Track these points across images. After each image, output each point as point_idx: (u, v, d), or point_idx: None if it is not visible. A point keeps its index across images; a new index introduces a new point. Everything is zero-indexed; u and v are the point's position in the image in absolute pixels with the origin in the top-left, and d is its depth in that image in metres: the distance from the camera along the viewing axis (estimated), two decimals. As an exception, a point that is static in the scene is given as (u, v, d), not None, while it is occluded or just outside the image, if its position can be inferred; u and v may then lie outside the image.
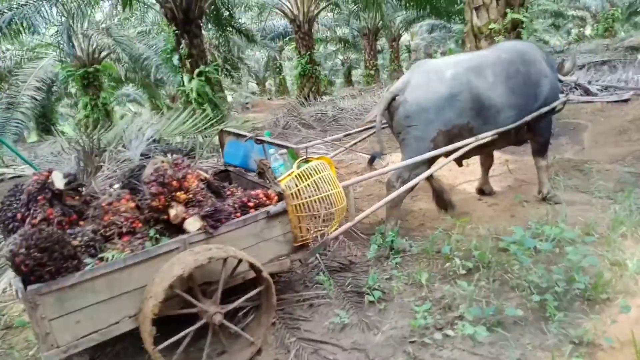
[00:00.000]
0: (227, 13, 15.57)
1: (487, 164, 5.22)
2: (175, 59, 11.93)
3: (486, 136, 4.18)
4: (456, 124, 4.16)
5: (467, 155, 4.63)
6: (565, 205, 4.50)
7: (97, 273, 2.70)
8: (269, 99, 23.91)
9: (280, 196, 3.25)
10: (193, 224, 3.00)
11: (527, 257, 3.38)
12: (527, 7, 7.22)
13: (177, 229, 3.05)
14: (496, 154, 5.99)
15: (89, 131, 11.05)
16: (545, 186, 4.80)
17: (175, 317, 2.88)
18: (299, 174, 3.22)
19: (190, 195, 3.06)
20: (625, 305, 2.85)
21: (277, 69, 28.52)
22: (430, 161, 4.22)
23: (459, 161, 4.71)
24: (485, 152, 4.86)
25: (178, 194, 3.03)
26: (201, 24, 12.37)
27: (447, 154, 4.18)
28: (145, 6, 14.31)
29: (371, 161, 4.43)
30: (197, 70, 11.78)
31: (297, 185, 3.19)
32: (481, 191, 5.29)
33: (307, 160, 3.29)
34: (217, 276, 2.92)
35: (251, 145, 3.86)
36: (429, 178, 4.59)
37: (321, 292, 3.56)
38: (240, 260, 2.94)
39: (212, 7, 13.91)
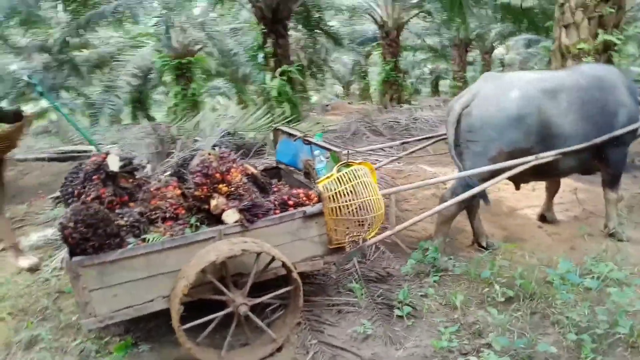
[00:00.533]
0: (317, 15, 15.82)
1: (552, 190, 4.94)
2: (260, 56, 12.33)
3: (546, 156, 3.94)
4: (519, 147, 3.96)
5: (527, 179, 4.43)
6: (630, 244, 4.16)
7: (136, 252, 2.89)
8: (349, 103, 23.97)
9: (319, 197, 3.28)
10: (231, 215, 3.10)
11: (571, 293, 3.17)
12: (623, 28, 6.73)
13: (217, 219, 3.18)
14: (566, 181, 5.67)
15: (175, 119, 11.69)
16: (613, 221, 4.46)
17: (207, 306, 2.99)
18: (338, 178, 3.23)
19: (232, 188, 3.18)
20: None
21: (363, 74, 28.53)
22: (486, 179, 4.05)
23: (517, 184, 4.49)
24: (548, 178, 4.61)
25: (220, 186, 3.16)
26: (288, 25, 12.68)
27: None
28: (239, 4, 14.89)
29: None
30: (279, 70, 12.09)
31: (335, 188, 3.20)
32: (543, 218, 5.01)
33: (347, 165, 3.29)
34: (250, 269, 3.01)
35: (301, 145, 3.93)
36: (471, 213, 4.43)
37: (352, 299, 3.55)
38: (273, 258, 3.02)
39: (302, 8, 14.21)
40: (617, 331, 2.89)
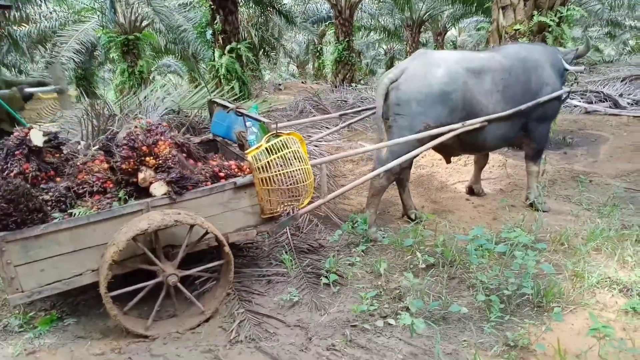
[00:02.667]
0: (269, -8, 15.68)
1: (480, 164, 5.17)
2: (209, 33, 12.16)
3: (473, 123, 4.13)
4: (445, 122, 4.13)
5: (457, 152, 4.63)
6: (550, 214, 4.44)
7: (61, 226, 2.89)
8: (302, 82, 23.92)
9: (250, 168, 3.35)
10: (159, 188, 3.13)
11: (485, 258, 3.38)
12: (557, 10, 6.99)
13: (146, 192, 3.20)
14: (496, 157, 5.95)
15: (120, 97, 11.40)
16: (533, 192, 4.74)
17: (137, 280, 3.03)
18: (267, 148, 3.29)
19: (160, 161, 3.20)
20: (558, 312, 2.84)
21: (317, 53, 28.47)
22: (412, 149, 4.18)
23: (447, 158, 4.69)
24: (476, 152, 4.83)
25: (147, 158, 3.17)
26: (238, 1, 12.52)
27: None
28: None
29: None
30: (228, 47, 11.96)
31: (265, 159, 3.26)
32: (471, 190, 5.25)
33: (277, 135, 3.36)
34: (182, 241, 3.06)
35: (235, 117, 3.97)
36: (401, 187, 4.61)
37: (282, 270, 3.66)
38: (207, 231, 3.07)
39: (253, -15, 14.07)
40: (523, 292, 3.12)
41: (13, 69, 18.41)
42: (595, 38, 32.00)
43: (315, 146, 5.67)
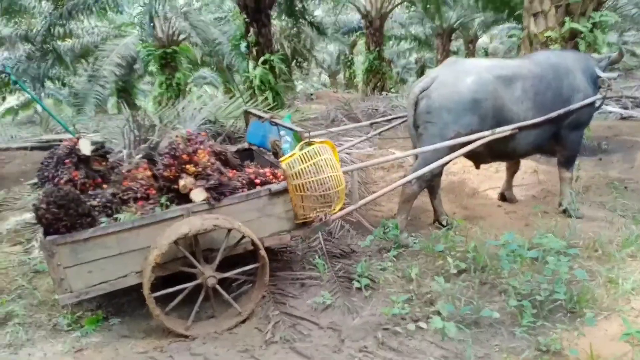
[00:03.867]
0: (300, 5, 15.92)
1: (512, 170, 5.18)
2: (243, 46, 12.44)
3: (503, 130, 4.15)
4: (475, 129, 4.17)
5: (487, 160, 4.65)
6: (583, 221, 4.41)
7: (108, 230, 3.08)
8: (334, 92, 24.10)
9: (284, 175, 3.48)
10: (198, 194, 3.29)
11: (516, 264, 3.41)
12: (590, 17, 6.94)
13: (186, 198, 3.37)
14: (529, 163, 5.92)
15: (158, 108, 11.78)
16: (566, 199, 4.72)
17: (178, 281, 3.19)
18: (301, 156, 3.41)
19: (199, 169, 3.37)
20: (591, 318, 2.85)
21: (348, 63, 28.66)
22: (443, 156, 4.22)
23: (477, 164, 4.72)
24: (507, 159, 4.84)
25: (187, 166, 3.34)
26: (271, 14, 12.79)
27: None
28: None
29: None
30: (262, 58, 12.21)
31: (298, 166, 3.38)
32: (503, 197, 5.26)
33: (309, 143, 3.48)
34: (220, 246, 3.21)
35: (269, 127, 4.12)
36: (432, 193, 4.66)
37: (315, 274, 3.77)
38: (243, 236, 3.22)
39: (286, -2, 14.33)
40: (556, 297, 3.13)
41: (57, 82, 19.22)
42: (631, 43, 31.19)
43: (347, 154, 5.77)
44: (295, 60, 21.26)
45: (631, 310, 3.13)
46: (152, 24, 14.69)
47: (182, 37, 16.31)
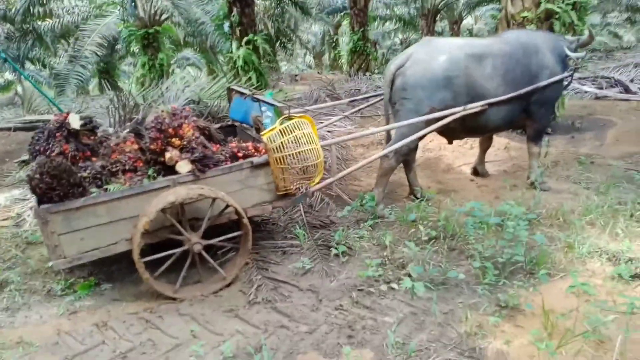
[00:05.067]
0: (284, -16, 15.92)
1: (484, 146, 5.43)
2: (226, 26, 12.45)
3: (474, 106, 4.39)
4: (449, 105, 4.40)
5: (460, 135, 4.89)
6: (550, 193, 4.69)
7: (98, 200, 3.26)
8: (318, 73, 24.14)
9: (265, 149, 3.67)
10: (184, 166, 3.48)
11: (482, 230, 3.66)
12: (566, -3, 7.16)
13: (172, 170, 3.55)
14: (501, 140, 6.18)
15: (141, 89, 11.80)
16: (534, 172, 4.98)
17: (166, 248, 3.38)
18: (281, 130, 3.60)
19: (185, 142, 3.55)
20: (544, 275, 3.12)
21: (333, 44, 28.65)
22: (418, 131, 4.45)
23: (449, 140, 4.95)
24: (479, 135, 5.08)
25: (173, 139, 3.52)
26: (254, -6, 12.79)
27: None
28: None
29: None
30: (245, 39, 12.26)
31: (279, 140, 3.57)
32: (475, 172, 5.52)
33: (289, 118, 3.67)
34: (205, 214, 3.40)
35: (251, 103, 4.29)
36: (407, 167, 4.89)
37: (296, 242, 3.99)
38: (227, 205, 3.41)
39: (269, -23, 14.33)
40: (516, 259, 3.40)
41: (37, 63, 19.02)
42: (614, 24, 31.60)
43: (328, 132, 5.97)
44: (279, 41, 21.22)
45: (585, 271, 3.42)
46: (133, 3, 14.58)
47: (164, 16, 16.18)
